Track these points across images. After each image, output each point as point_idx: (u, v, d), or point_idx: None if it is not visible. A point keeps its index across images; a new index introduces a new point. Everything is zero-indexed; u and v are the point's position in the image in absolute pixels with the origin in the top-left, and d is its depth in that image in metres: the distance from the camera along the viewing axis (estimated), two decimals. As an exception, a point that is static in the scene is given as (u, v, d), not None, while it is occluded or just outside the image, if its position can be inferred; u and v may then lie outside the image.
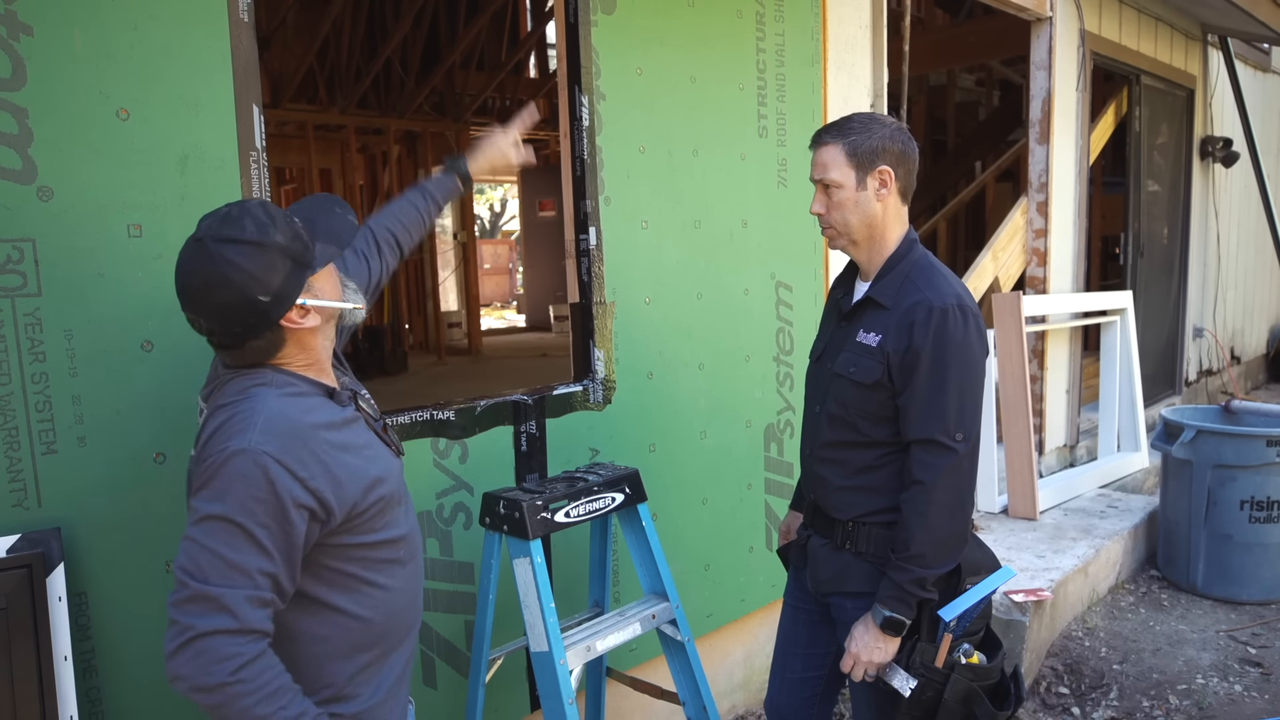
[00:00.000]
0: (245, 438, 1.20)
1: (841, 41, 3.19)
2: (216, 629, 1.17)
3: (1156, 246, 5.93)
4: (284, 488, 1.20)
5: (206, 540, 1.19)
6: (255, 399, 1.26)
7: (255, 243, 1.24)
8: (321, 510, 1.25)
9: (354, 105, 8.36)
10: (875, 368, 1.71)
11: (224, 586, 1.17)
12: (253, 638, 1.19)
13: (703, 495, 2.76)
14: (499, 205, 24.16)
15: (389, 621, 1.40)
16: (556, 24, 2.40)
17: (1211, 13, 5.75)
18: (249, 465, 1.19)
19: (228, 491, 1.19)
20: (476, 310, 9.85)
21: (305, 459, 1.23)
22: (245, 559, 1.19)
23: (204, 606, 1.17)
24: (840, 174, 1.73)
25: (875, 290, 1.77)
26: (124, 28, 1.57)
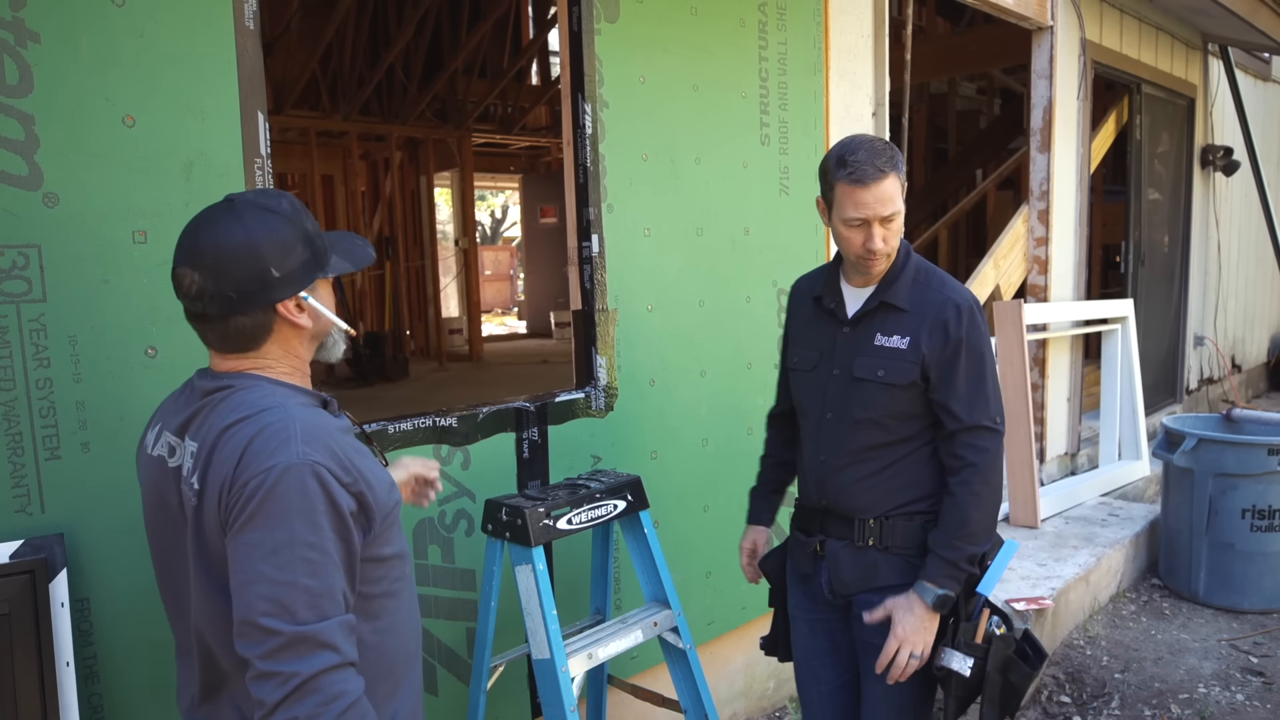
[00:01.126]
0: (290, 450, 1.11)
1: (843, 49, 3.20)
2: (323, 669, 1.07)
3: (1157, 255, 5.94)
4: (340, 497, 1.13)
5: (283, 575, 1.07)
6: (278, 409, 1.16)
7: (286, 216, 1.21)
8: (365, 518, 1.18)
9: (356, 112, 8.37)
10: (909, 369, 1.75)
11: (318, 621, 1.08)
12: (352, 671, 1.11)
13: (704, 503, 2.76)
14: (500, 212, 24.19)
15: (398, 649, 1.31)
16: (560, 32, 2.41)
17: (1212, 22, 5.76)
18: (305, 478, 1.10)
19: (290, 512, 1.08)
20: (478, 316, 9.85)
21: (347, 465, 1.16)
22: (328, 582, 1.10)
23: (302, 649, 1.07)
24: (899, 202, 1.73)
25: (889, 295, 1.79)
26: (130, 35, 1.58)
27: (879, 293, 1.81)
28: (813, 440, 1.89)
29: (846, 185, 1.70)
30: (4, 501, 1.49)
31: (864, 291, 1.84)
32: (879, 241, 1.73)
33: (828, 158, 1.76)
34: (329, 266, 1.26)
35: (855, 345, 1.82)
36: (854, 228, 1.73)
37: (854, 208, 1.71)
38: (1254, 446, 3.72)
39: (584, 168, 2.38)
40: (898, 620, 1.74)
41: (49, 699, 1.47)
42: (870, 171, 1.69)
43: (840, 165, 1.71)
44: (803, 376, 1.92)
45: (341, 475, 1.14)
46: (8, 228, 1.47)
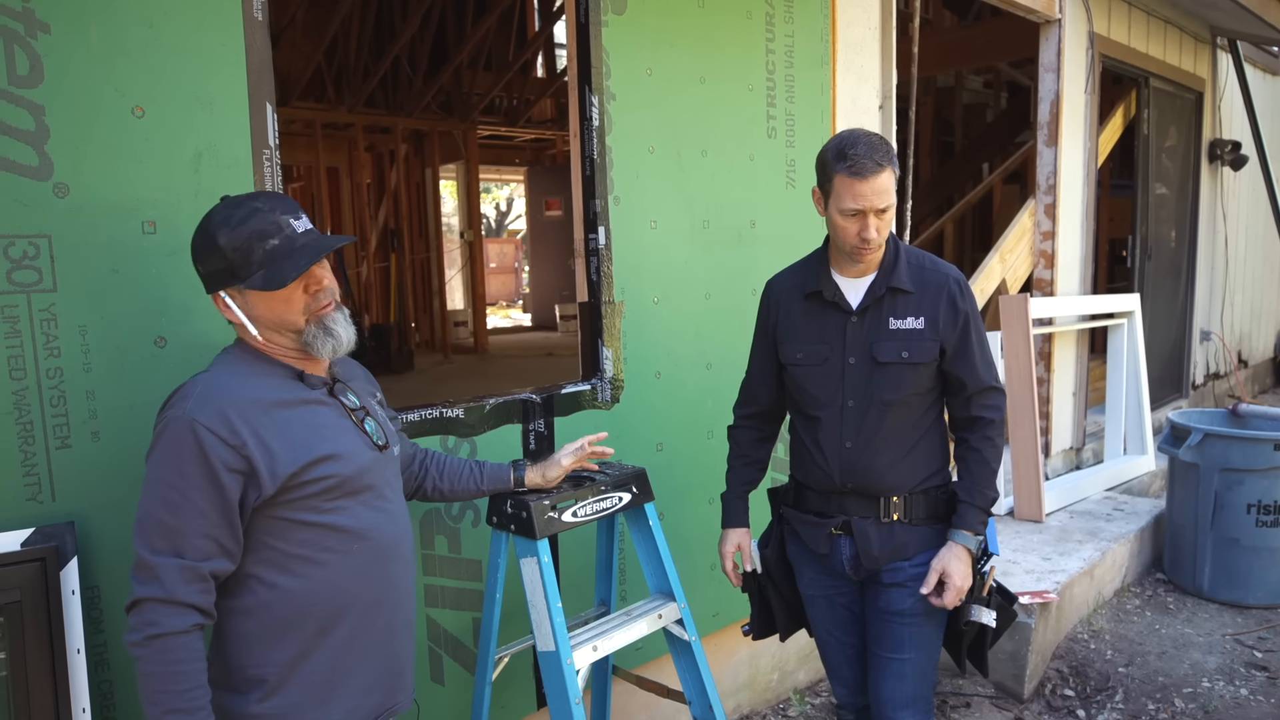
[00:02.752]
0: (181, 407, 1.32)
1: (850, 43, 3.19)
2: (148, 596, 1.28)
3: (1164, 249, 5.92)
4: (213, 451, 1.29)
5: (148, 504, 1.30)
6: (201, 375, 1.38)
7: (205, 231, 1.37)
8: (251, 474, 1.32)
9: (362, 104, 8.37)
10: (930, 347, 1.87)
11: (159, 555, 1.28)
12: (177, 610, 1.28)
13: (709, 495, 2.76)
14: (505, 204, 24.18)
15: (324, 601, 1.40)
16: (567, 24, 2.40)
17: (1221, 15, 5.73)
18: (182, 430, 1.29)
19: (165, 457, 1.30)
20: (482, 309, 9.86)
21: (236, 426, 1.32)
22: (182, 520, 1.29)
23: (144, 574, 1.29)
24: (894, 195, 1.81)
25: (895, 279, 1.88)
26: (140, 25, 1.58)
27: (883, 279, 1.89)
28: (832, 430, 1.94)
29: (845, 177, 1.77)
30: (15, 490, 1.50)
31: (861, 281, 1.91)
32: (873, 232, 1.81)
33: (826, 150, 1.83)
34: (246, 280, 1.36)
35: (869, 332, 1.90)
36: (850, 218, 1.81)
37: (852, 199, 1.78)
38: (1260, 441, 3.71)
39: (591, 160, 2.38)
40: (952, 571, 1.86)
41: (60, 685, 1.49)
42: (869, 165, 1.76)
43: (839, 158, 1.78)
44: (812, 370, 1.95)
45: (227, 436, 1.31)
46: (18, 218, 1.48)
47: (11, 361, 1.48)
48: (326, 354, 1.43)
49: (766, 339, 2.06)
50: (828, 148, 1.83)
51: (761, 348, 2.09)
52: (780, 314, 2.02)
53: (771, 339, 2.04)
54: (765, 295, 2.08)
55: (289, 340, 1.43)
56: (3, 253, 1.47)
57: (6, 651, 1.46)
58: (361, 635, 1.45)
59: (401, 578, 1.52)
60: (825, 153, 1.83)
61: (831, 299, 1.92)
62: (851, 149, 1.77)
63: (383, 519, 1.48)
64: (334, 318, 1.43)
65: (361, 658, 1.45)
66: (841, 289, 1.93)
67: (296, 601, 1.38)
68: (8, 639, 1.46)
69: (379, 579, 1.47)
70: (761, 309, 2.09)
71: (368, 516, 1.45)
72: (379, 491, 1.48)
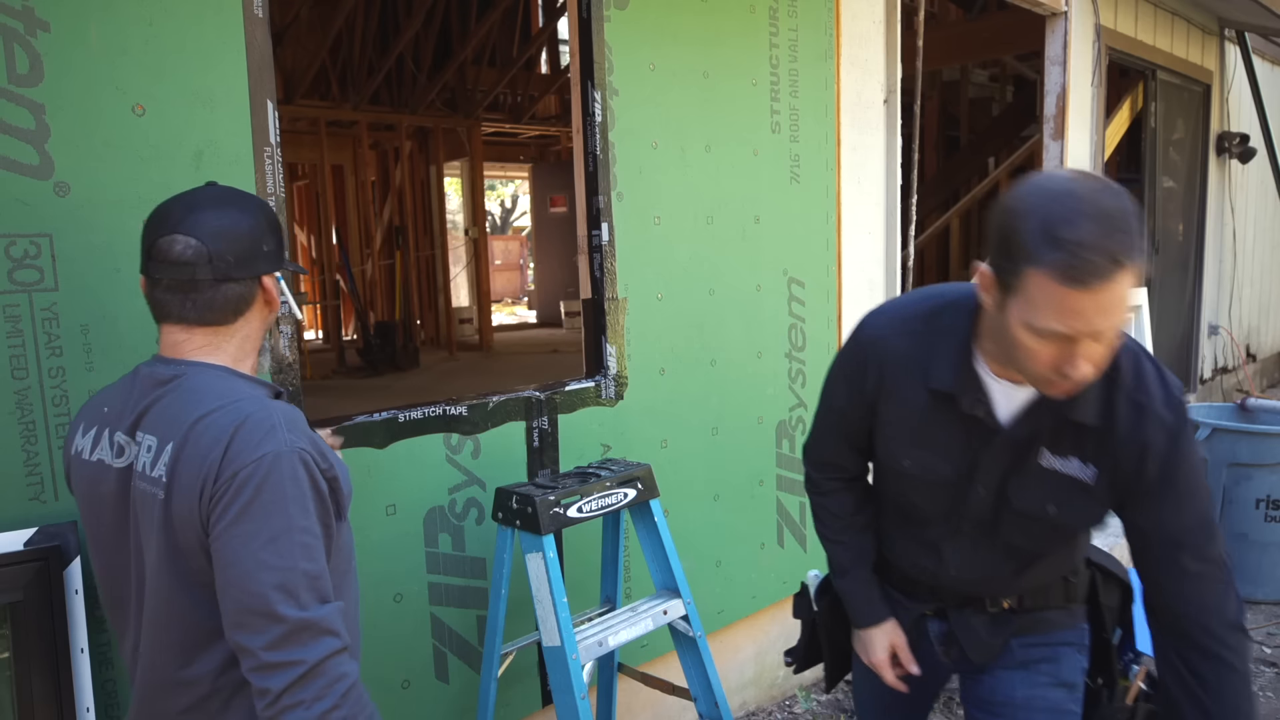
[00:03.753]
0: (278, 438, 1.12)
1: (855, 36, 3.17)
2: (328, 654, 1.09)
3: (1171, 243, 5.88)
4: (320, 481, 1.16)
5: (284, 561, 1.09)
6: (251, 399, 1.17)
7: (264, 207, 1.30)
8: (336, 503, 1.21)
9: (366, 101, 8.37)
10: (1093, 510, 1.35)
11: (317, 609, 1.10)
12: (349, 654, 1.13)
13: (714, 491, 2.76)
14: (510, 201, 24.18)
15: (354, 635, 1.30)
16: (570, 20, 2.39)
17: (1229, 7, 5.69)
18: (294, 465, 1.12)
19: (285, 499, 1.10)
20: (487, 306, 9.86)
21: (324, 452, 1.19)
22: (321, 565, 1.13)
23: (308, 635, 1.08)
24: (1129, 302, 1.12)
25: (1071, 407, 1.27)
26: (140, 23, 1.58)
27: (1060, 402, 1.26)
28: (934, 544, 1.48)
29: (1054, 281, 1.07)
30: (18, 489, 1.50)
31: (1020, 390, 1.30)
32: (1084, 368, 1.14)
33: (1020, 216, 1.11)
34: (286, 263, 1.33)
35: (1012, 462, 1.34)
36: (1047, 341, 1.12)
37: (1059, 317, 1.09)
38: (1268, 436, 3.69)
39: (594, 156, 2.37)
40: None
41: (64, 685, 1.49)
42: (1102, 265, 1.05)
43: (1049, 243, 1.07)
44: (920, 483, 1.44)
45: (320, 462, 1.17)
46: (19, 217, 1.48)
47: (14, 361, 1.48)
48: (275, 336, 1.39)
49: (858, 405, 1.45)
50: (1024, 211, 1.11)
51: (848, 412, 1.48)
52: (885, 392, 1.41)
53: (868, 409, 1.44)
54: (864, 348, 1.43)
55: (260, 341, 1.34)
56: (4, 252, 1.46)
57: (10, 651, 1.46)
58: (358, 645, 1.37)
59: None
60: (1019, 221, 1.10)
61: (973, 412, 1.32)
62: (1073, 230, 1.06)
63: None
64: None
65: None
66: (991, 397, 1.32)
67: None
68: (11, 639, 1.46)
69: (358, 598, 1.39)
70: (853, 361, 1.45)
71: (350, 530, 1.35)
72: None
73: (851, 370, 1.45)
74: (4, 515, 1.48)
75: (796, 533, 3.05)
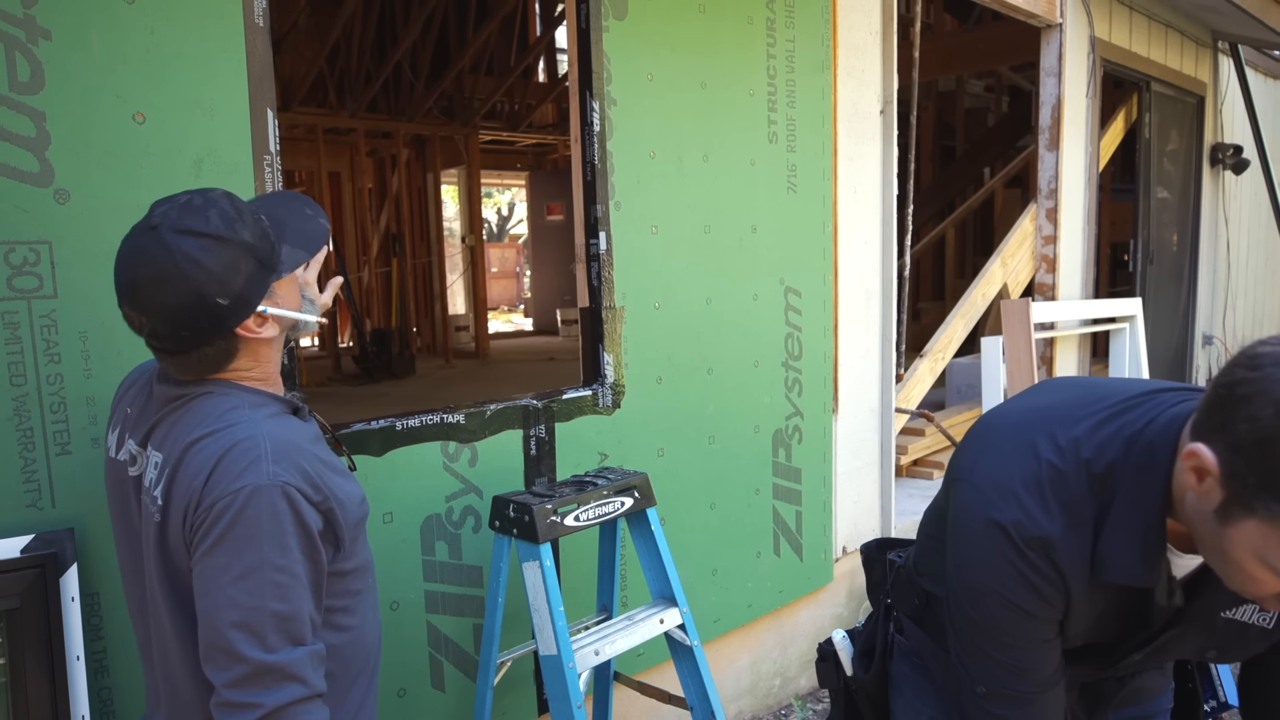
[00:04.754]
0: (260, 470, 1.07)
1: (851, 47, 3.19)
2: (290, 701, 1.04)
3: (1166, 253, 5.91)
4: (309, 518, 1.09)
5: (252, 600, 1.04)
6: (245, 424, 1.11)
7: (219, 237, 1.10)
8: (334, 536, 1.15)
9: (363, 109, 8.39)
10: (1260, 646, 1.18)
11: (284, 652, 1.05)
12: (319, 703, 1.08)
13: (710, 500, 2.76)
14: (506, 209, 24.21)
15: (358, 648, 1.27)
16: (569, 30, 2.40)
17: (1222, 19, 5.73)
18: (275, 500, 1.06)
19: (259, 535, 1.05)
20: (484, 314, 9.86)
21: (317, 483, 1.12)
22: (297, 606, 1.07)
23: (271, 680, 1.04)
24: None
25: None
26: (141, 32, 1.59)
27: None
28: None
29: None
30: (15, 496, 1.49)
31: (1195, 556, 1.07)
32: None
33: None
34: (281, 267, 1.19)
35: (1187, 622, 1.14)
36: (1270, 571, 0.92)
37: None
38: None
39: (592, 165, 2.38)
40: None
41: (59, 692, 1.48)
42: None
43: None
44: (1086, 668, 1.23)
45: (311, 494, 1.10)
46: (19, 224, 1.48)
47: (12, 368, 1.48)
48: (310, 331, 1.29)
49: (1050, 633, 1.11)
50: None
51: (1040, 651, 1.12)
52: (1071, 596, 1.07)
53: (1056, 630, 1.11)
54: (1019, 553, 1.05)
55: (280, 345, 1.26)
56: (3, 259, 1.46)
57: (6, 658, 1.46)
58: (378, 667, 1.34)
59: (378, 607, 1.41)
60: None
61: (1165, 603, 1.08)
62: None
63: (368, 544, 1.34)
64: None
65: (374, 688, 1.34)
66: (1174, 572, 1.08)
67: (342, 656, 1.23)
68: (7, 646, 1.45)
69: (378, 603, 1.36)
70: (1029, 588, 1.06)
71: (367, 544, 1.31)
72: None
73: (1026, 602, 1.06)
74: (1, 522, 1.48)
75: (793, 541, 3.05)
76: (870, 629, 1.51)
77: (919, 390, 4.28)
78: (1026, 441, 1.09)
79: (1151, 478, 1.01)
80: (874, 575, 1.55)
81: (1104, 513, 1.04)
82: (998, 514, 1.06)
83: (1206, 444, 0.92)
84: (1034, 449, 1.07)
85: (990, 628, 1.10)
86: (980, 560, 1.08)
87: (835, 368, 3.19)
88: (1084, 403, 1.10)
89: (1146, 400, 1.07)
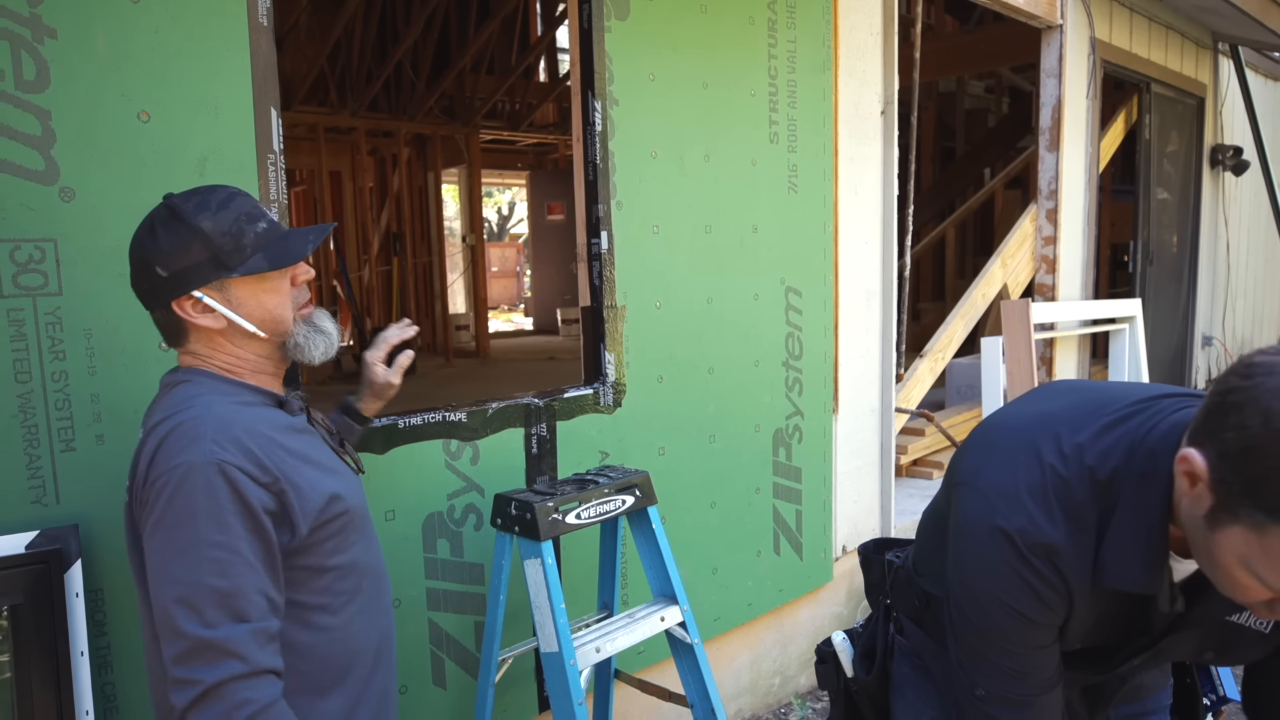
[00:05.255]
0: (198, 448, 1.10)
1: (853, 48, 3.20)
2: (227, 677, 1.06)
3: (1166, 254, 5.92)
4: (253, 495, 1.11)
5: (190, 576, 1.07)
6: (197, 407, 1.15)
7: (180, 219, 1.19)
8: (287, 520, 1.16)
9: (364, 108, 8.39)
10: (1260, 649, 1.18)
11: (226, 628, 1.07)
12: (266, 679, 1.09)
13: (711, 499, 2.77)
14: (507, 209, 24.21)
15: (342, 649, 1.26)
16: (571, 30, 2.41)
17: (1222, 21, 5.74)
18: (211, 477, 1.09)
19: (195, 512, 1.08)
20: (484, 313, 9.87)
21: (264, 462, 1.14)
22: (238, 582, 1.08)
23: (210, 656, 1.06)
24: None
25: None
26: (146, 31, 1.59)
27: None
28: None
29: None
30: (20, 492, 1.50)
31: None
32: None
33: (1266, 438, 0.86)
34: (240, 267, 1.20)
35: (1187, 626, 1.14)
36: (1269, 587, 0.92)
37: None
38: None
39: (593, 165, 2.38)
40: None
41: (64, 688, 1.49)
42: None
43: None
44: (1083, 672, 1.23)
45: (257, 474, 1.12)
46: (24, 221, 1.49)
47: (17, 365, 1.49)
48: (319, 355, 1.30)
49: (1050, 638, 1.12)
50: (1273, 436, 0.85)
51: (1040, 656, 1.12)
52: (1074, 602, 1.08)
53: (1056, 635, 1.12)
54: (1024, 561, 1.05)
55: (263, 350, 1.27)
56: (9, 256, 1.47)
57: (10, 654, 1.46)
58: (372, 675, 1.33)
59: (390, 603, 1.43)
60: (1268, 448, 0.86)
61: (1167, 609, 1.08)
62: None
63: (375, 546, 1.37)
64: (320, 314, 1.32)
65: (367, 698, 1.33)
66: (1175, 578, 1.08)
67: (316, 656, 1.23)
68: (11, 642, 1.46)
69: (382, 611, 1.37)
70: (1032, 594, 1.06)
71: (368, 548, 1.33)
72: (368, 518, 1.37)
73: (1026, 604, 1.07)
74: (5, 518, 1.49)
75: (793, 541, 3.06)
76: (870, 630, 1.51)
77: (919, 390, 4.29)
78: (1030, 446, 1.08)
79: (1153, 484, 1.01)
80: (872, 576, 1.55)
81: (1107, 519, 1.03)
82: (1003, 521, 1.05)
83: (1199, 449, 0.93)
84: (1038, 455, 1.07)
85: (991, 633, 1.11)
86: (983, 566, 1.08)
87: (835, 367, 3.20)
88: (1088, 408, 1.10)
89: (1149, 406, 1.07)
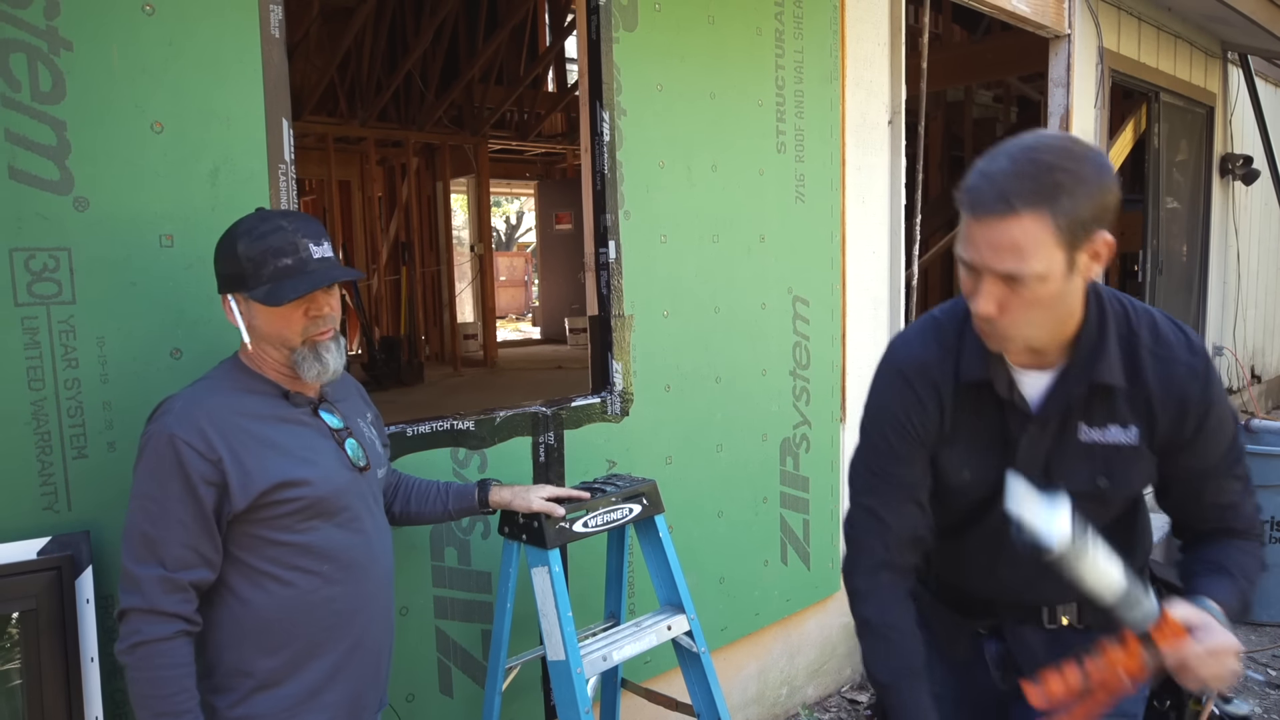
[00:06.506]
0: (161, 421, 1.37)
1: (860, 58, 3.21)
2: (131, 606, 1.33)
3: (1175, 264, 5.90)
4: (191, 464, 1.34)
5: (132, 517, 1.35)
6: (186, 391, 1.42)
7: (232, 236, 1.43)
8: (224, 488, 1.37)
9: (374, 118, 8.44)
10: (1143, 471, 1.32)
11: (142, 565, 1.33)
12: (159, 619, 1.33)
13: (718, 508, 2.77)
14: (515, 218, 24.28)
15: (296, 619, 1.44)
16: (579, 40, 2.43)
17: (1232, 30, 5.73)
18: (162, 444, 1.34)
19: (147, 470, 1.35)
20: (492, 322, 9.89)
21: (213, 441, 1.36)
22: (163, 532, 1.33)
23: (128, 584, 1.34)
24: (1045, 263, 1.12)
25: (1100, 371, 1.26)
26: (160, 43, 1.61)
27: (1079, 371, 1.27)
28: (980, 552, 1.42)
29: (961, 207, 1.17)
30: (32, 499, 1.52)
31: (1044, 375, 1.31)
32: (983, 304, 1.17)
33: None
34: (251, 291, 1.41)
35: (1052, 444, 1.32)
36: (964, 270, 1.20)
37: (960, 242, 1.18)
38: (1273, 457, 3.69)
39: (601, 174, 2.40)
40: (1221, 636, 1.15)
41: (74, 693, 1.50)
42: (989, 198, 1.12)
43: (968, 177, 1.17)
44: (974, 489, 1.38)
45: (202, 449, 1.35)
46: (39, 231, 1.50)
47: (31, 372, 1.51)
48: (311, 378, 1.47)
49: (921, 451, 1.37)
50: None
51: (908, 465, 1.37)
52: (930, 410, 1.35)
53: (930, 449, 1.38)
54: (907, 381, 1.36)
55: (280, 356, 1.47)
56: (23, 265, 1.49)
57: (21, 659, 1.47)
58: (332, 653, 1.48)
59: (379, 597, 1.55)
60: None
61: (1005, 396, 1.31)
62: (987, 163, 1.15)
63: (357, 540, 1.50)
64: (328, 345, 1.47)
65: (330, 676, 1.48)
66: (1023, 378, 1.31)
67: (266, 617, 1.42)
68: (23, 647, 1.47)
69: (354, 598, 1.50)
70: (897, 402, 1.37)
71: (340, 538, 1.48)
72: (354, 513, 1.50)
73: (897, 415, 1.36)
74: (18, 524, 1.50)
75: (800, 550, 3.06)
76: None
77: (927, 400, 4.27)
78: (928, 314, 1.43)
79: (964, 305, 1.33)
80: None
81: (957, 338, 1.35)
82: (898, 362, 1.40)
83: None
84: (931, 313, 1.43)
85: (873, 446, 1.40)
86: (879, 392, 1.41)
87: (843, 377, 3.20)
88: None
89: None
